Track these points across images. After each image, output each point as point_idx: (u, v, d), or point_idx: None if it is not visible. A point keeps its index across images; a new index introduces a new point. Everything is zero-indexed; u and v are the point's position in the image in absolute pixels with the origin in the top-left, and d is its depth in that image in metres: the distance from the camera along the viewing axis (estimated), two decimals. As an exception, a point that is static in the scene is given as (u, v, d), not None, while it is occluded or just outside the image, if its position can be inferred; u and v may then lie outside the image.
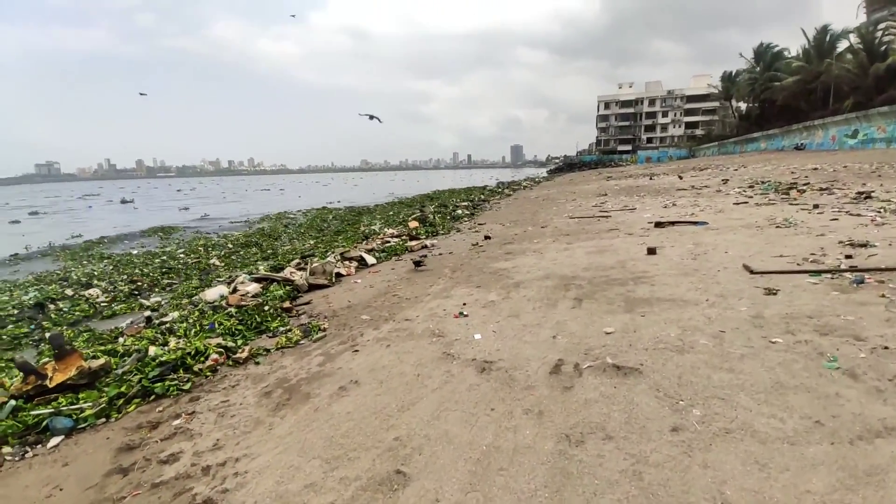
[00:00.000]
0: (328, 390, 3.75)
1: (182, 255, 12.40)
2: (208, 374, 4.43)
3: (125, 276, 10.34)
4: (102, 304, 8.03)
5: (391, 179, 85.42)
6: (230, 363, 4.65)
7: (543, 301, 5.57)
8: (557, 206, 18.82)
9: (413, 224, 14.98)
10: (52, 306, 7.87)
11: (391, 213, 20.00)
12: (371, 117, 6.94)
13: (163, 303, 8.08)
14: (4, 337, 6.50)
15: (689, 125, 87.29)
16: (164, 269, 11.09)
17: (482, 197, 26.76)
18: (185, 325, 5.69)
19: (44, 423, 3.55)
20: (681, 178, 27.31)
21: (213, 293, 7.20)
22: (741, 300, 4.73)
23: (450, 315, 5.38)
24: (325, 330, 5.46)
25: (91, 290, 9.00)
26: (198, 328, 5.58)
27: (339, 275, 8.62)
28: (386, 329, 5.16)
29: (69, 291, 8.98)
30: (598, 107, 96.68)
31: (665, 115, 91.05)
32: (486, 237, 11.78)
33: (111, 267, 12.13)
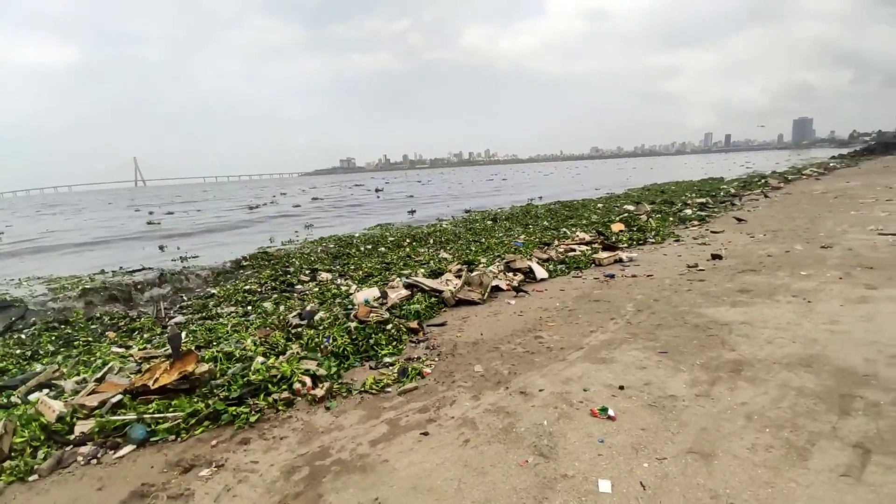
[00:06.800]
0: (340, 506, 2.58)
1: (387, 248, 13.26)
2: (281, 407, 3.92)
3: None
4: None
5: (619, 168, 77.04)
6: (308, 398, 4.04)
7: (780, 430, 2.94)
8: (858, 211, 12.46)
9: (617, 227, 12.26)
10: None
11: (600, 208, 17.19)
12: None
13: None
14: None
15: None
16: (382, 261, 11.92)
17: (731, 190, 20.53)
18: (311, 332, 5.51)
19: (126, 428, 3.63)
20: None
21: (362, 295, 7.04)
22: None
23: (587, 406, 3.40)
24: (424, 377, 4.33)
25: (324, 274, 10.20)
26: (319, 339, 5.30)
27: (497, 288, 7.35)
28: (486, 403, 3.62)
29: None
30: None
31: None
32: (715, 256, 8.35)
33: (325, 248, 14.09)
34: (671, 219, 13.47)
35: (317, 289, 8.58)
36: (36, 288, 10.56)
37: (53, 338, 6.42)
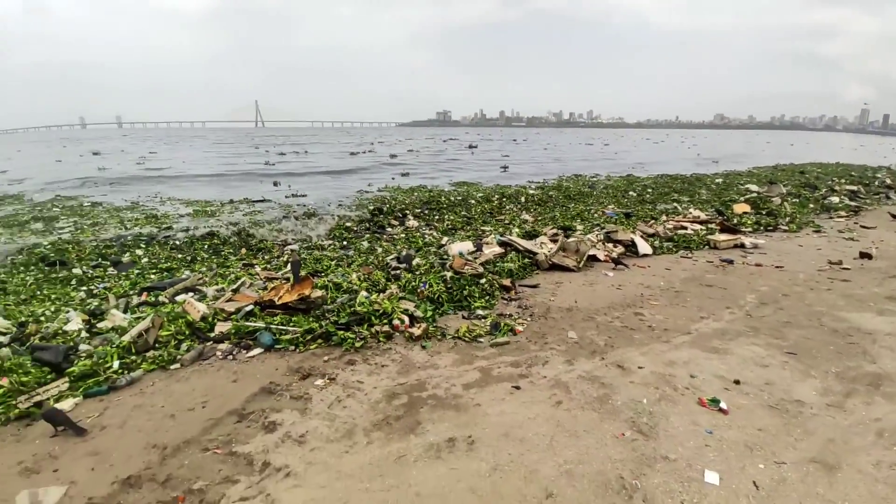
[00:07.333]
0: (436, 434, 2.78)
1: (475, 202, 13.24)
2: (382, 338, 4.24)
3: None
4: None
5: (748, 140, 66.92)
6: (406, 335, 4.31)
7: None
8: None
9: (740, 208, 10.90)
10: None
11: (718, 184, 15.30)
12: None
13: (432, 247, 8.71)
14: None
15: None
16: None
17: (886, 181, 16.96)
18: (409, 276, 5.79)
19: (256, 334, 4.20)
20: None
21: (457, 247, 7.18)
22: None
23: (694, 394, 3.18)
24: (516, 334, 4.36)
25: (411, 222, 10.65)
26: (416, 283, 5.56)
27: (594, 258, 7.03)
28: (580, 370, 3.56)
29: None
30: None
31: None
32: (864, 254, 7.08)
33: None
34: (811, 206, 11.61)
35: (403, 234, 9.07)
36: (179, 207, 12.39)
37: (206, 245, 7.61)
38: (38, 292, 5.63)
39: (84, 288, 5.80)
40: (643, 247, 7.51)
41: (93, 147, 43.12)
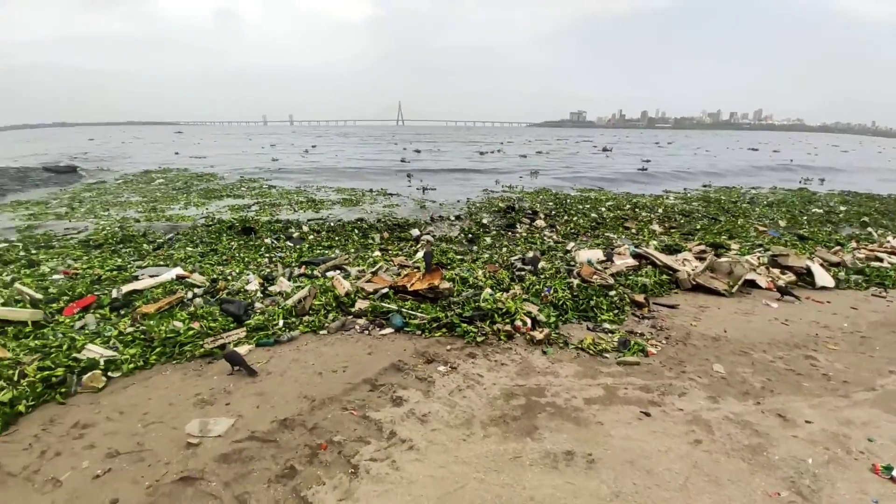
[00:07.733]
0: (553, 443, 2.71)
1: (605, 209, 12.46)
2: (503, 337, 4.28)
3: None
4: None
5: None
6: (527, 337, 4.29)
7: None
8: None
9: (973, 242, 8.31)
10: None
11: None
12: None
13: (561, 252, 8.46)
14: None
15: None
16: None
17: None
18: (533, 278, 5.72)
19: (389, 315, 4.59)
20: None
21: (585, 255, 6.86)
22: None
23: (869, 460, 2.56)
24: (647, 356, 4.00)
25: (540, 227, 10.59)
26: (541, 286, 5.48)
27: (752, 283, 6.08)
28: (727, 410, 3.12)
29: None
30: None
31: None
32: None
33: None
34: None
35: (525, 234, 9.05)
36: (330, 194, 14.12)
37: (355, 229, 8.66)
38: (237, 255, 7.04)
39: (268, 255, 7.06)
40: (822, 277, 6.23)
41: (271, 140, 51.68)
